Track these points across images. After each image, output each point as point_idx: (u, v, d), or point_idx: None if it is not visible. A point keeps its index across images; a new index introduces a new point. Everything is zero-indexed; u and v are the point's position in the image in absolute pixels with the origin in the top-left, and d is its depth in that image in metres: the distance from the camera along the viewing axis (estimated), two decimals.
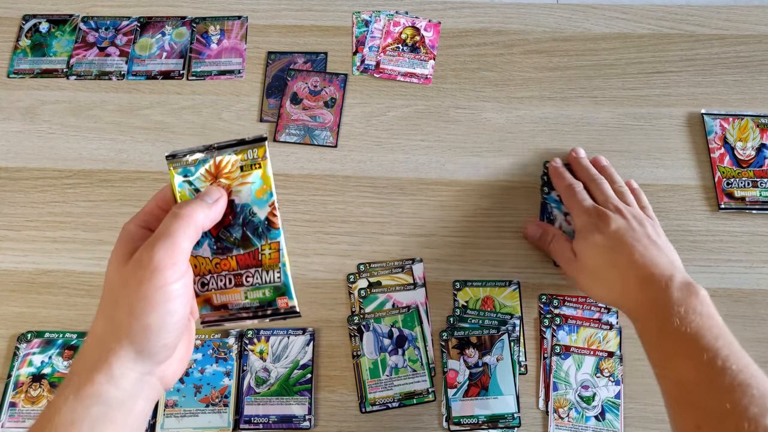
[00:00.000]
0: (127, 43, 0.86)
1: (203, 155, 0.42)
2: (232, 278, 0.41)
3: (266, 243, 0.41)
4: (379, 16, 0.88)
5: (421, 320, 0.69)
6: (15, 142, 0.80)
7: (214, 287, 0.41)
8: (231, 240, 0.41)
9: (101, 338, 0.39)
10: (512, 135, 0.80)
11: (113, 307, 0.39)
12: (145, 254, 0.38)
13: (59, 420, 0.36)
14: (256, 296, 0.41)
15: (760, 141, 0.78)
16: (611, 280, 0.59)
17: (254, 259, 0.41)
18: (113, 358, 0.38)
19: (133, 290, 0.38)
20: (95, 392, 0.37)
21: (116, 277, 0.40)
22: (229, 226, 0.41)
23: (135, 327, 0.38)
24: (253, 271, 0.41)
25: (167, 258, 0.38)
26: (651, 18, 0.88)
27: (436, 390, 0.67)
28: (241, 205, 0.41)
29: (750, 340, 0.69)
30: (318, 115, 0.81)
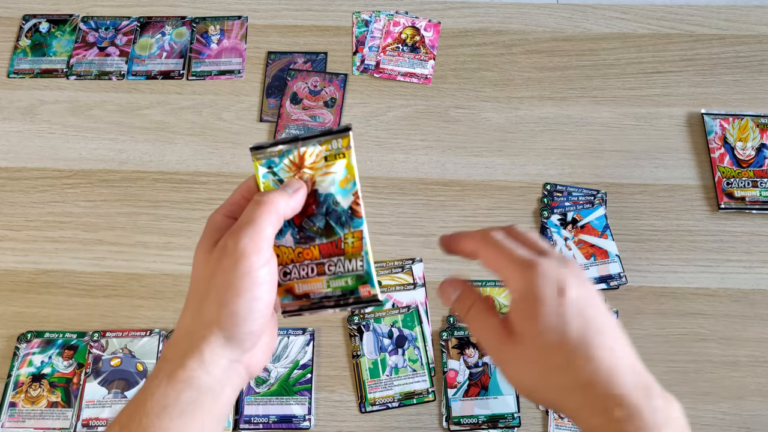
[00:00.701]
0: (127, 43, 0.86)
1: (287, 146, 0.42)
2: (314, 267, 0.41)
3: (349, 232, 0.41)
4: (379, 16, 0.88)
5: (421, 320, 0.69)
6: (15, 142, 0.80)
7: (296, 276, 0.42)
8: (314, 229, 0.41)
9: (191, 328, 0.40)
10: (512, 135, 0.80)
11: (202, 297, 0.40)
12: (230, 241, 0.39)
13: (152, 404, 0.37)
14: (339, 285, 0.41)
15: (760, 141, 0.78)
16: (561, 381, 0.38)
17: (337, 248, 0.41)
18: (204, 345, 0.38)
19: (220, 278, 0.38)
20: (187, 377, 0.38)
21: (202, 266, 0.40)
22: (312, 215, 0.42)
23: (224, 314, 0.38)
24: (335, 260, 0.41)
25: (252, 244, 0.38)
26: (651, 18, 0.88)
27: (436, 390, 0.67)
28: (325, 195, 0.42)
29: (750, 340, 0.69)
30: (318, 115, 0.81)
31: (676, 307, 0.71)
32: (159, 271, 0.73)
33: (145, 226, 0.75)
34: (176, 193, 0.77)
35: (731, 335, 0.69)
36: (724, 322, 0.70)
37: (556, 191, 0.76)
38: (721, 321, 0.70)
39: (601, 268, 0.72)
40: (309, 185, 0.42)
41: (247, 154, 0.79)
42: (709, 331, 0.69)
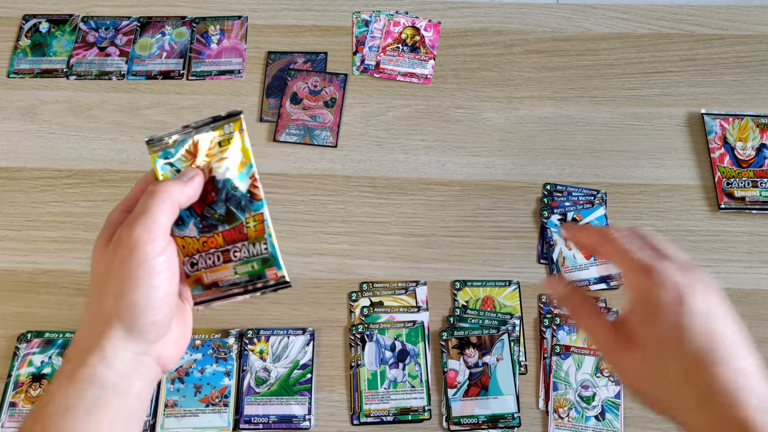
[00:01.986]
0: (127, 43, 0.86)
1: (181, 136, 0.42)
2: (220, 255, 0.41)
3: (250, 215, 0.41)
4: (379, 16, 0.88)
5: (426, 337, 0.69)
6: (15, 142, 0.80)
7: (203, 266, 0.41)
8: (216, 216, 0.41)
9: (91, 324, 0.39)
10: (512, 135, 0.80)
11: (99, 292, 0.39)
12: (124, 232, 0.39)
13: (54, 407, 0.36)
14: (245, 270, 0.41)
15: (760, 141, 0.78)
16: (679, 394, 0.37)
17: (240, 234, 0.41)
18: (104, 340, 0.38)
19: (116, 270, 0.38)
20: (89, 375, 0.37)
21: (99, 261, 0.40)
22: (212, 203, 0.41)
23: (121, 305, 0.38)
24: (240, 245, 0.41)
25: (146, 233, 0.38)
26: (651, 18, 0.88)
27: (432, 408, 0.67)
28: (223, 181, 0.41)
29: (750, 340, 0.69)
30: (318, 115, 0.81)
31: None
32: None
33: None
34: None
35: None
36: None
37: (556, 191, 0.76)
38: None
39: (601, 268, 0.72)
40: (206, 173, 0.41)
41: None
42: None
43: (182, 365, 0.68)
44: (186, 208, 0.41)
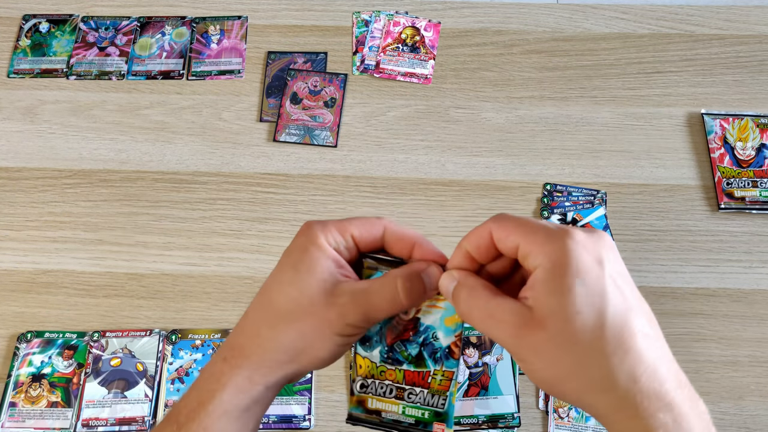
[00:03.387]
0: (127, 43, 0.86)
1: None
2: (394, 389, 0.41)
3: (440, 369, 0.41)
4: (379, 16, 0.88)
5: None
6: (15, 142, 0.80)
7: (372, 392, 0.42)
8: (404, 354, 0.41)
9: (265, 343, 0.38)
10: (512, 135, 0.80)
11: (290, 320, 0.38)
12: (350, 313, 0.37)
13: (213, 408, 0.37)
14: (414, 414, 0.41)
15: (760, 141, 0.78)
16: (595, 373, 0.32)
17: (423, 380, 0.41)
18: (275, 367, 0.38)
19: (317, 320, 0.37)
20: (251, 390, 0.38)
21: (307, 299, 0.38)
22: (407, 340, 0.41)
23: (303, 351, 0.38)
24: (418, 390, 0.41)
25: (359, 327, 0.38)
26: (651, 18, 0.88)
27: None
28: (426, 326, 0.41)
29: (750, 340, 0.69)
30: (318, 115, 0.81)
31: (676, 307, 0.71)
32: (159, 271, 0.73)
33: (145, 226, 0.75)
34: (176, 193, 0.77)
35: (731, 335, 0.69)
36: (724, 322, 0.70)
37: (556, 191, 0.76)
38: (721, 321, 0.70)
39: None
40: (413, 311, 0.41)
41: (247, 154, 0.79)
42: (709, 331, 0.69)
43: (182, 365, 0.68)
44: (377, 333, 0.41)
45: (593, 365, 0.31)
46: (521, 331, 0.32)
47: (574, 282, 0.31)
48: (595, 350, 0.31)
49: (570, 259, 0.31)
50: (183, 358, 0.68)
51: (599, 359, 0.31)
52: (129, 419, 0.65)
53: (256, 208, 0.76)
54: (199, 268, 0.73)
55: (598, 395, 0.32)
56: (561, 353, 0.31)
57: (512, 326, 0.33)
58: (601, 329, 0.31)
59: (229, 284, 0.72)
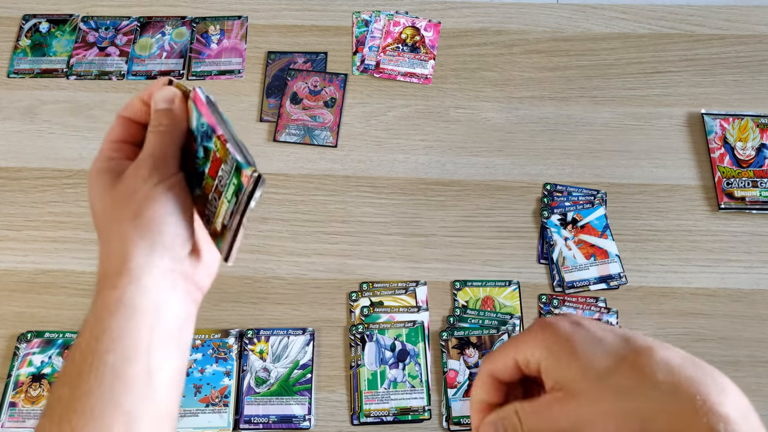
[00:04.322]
0: (127, 43, 0.86)
1: None
2: (216, 196, 0.41)
3: (215, 139, 0.41)
4: (379, 16, 0.88)
5: (426, 337, 0.69)
6: (15, 142, 0.80)
7: (212, 214, 0.42)
8: (200, 162, 0.42)
9: (110, 255, 0.39)
10: (512, 135, 0.80)
11: (113, 221, 0.40)
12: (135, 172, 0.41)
13: (88, 334, 0.36)
14: (231, 192, 0.40)
15: (760, 141, 0.78)
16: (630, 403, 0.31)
17: (216, 161, 0.41)
18: (129, 261, 0.38)
19: (132, 199, 0.39)
20: (119, 296, 0.37)
21: (105, 195, 0.42)
22: (195, 152, 0.43)
23: (141, 223, 0.38)
24: (221, 173, 0.41)
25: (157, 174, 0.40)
26: (651, 18, 0.88)
27: (432, 408, 0.67)
28: (195, 127, 0.43)
29: (750, 340, 0.69)
30: (318, 115, 0.81)
31: (676, 307, 0.71)
32: None
33: None
34: None
35: (731, 335, 0.69)
36: (724, 322, 0.70)
37: (556, 191, 0.76)
38: (721, 321, 0.70)
39: (601, 268, 0.72)
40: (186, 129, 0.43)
41: None
42: (709, 331, 0.69)
43: None
44: (185, 173, 0.43)
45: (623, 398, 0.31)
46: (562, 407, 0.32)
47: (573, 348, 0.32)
48: (620, 383, 0.31)
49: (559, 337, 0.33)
50: None
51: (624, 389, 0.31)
52: None
53: (257, 208, 0.76)
54: None
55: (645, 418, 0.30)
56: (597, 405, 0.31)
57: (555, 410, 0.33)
58: (614, 362, 0.32)
59: (229, 284, 0.72)
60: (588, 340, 0.33)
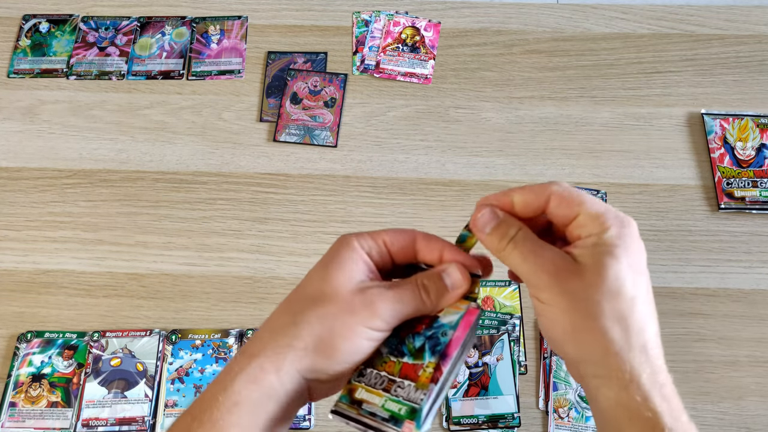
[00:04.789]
0: (127, 43, 0.86)
1: None
2: (385, 381, 0.40)
3: (434, 361, 0.39)
4: (379, 16, 0.88)
5: None
6: (15, 142, 0.80)
7: (365, 382, 0.41)
8: (410, 347, 0.41)
9: (282, 332, 0.39)
10: (512, 135, 0.80)
11: (303, 310, 0.39)
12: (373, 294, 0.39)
13: (224, 399, 0.37)
14: (391, 408, 0.39)
15: (760, 141, 0.78)
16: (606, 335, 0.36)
17: (414, 373, 0.40)
18: (289, 355, 0.38)
19: (336, 309, 0.38)
20: (262, 380, 0.37)
21: (324, 282, 0.39)
22: (417, 333, 0.41)
23: (324, 341, 0.38)
24: (406, 383, 0.40)
25: (389, 313, 0.39)
26: (651, 18, 0.88)
27: None
28: (441, 324, 0.41)
29: (750, 340, 0.69)
30: (318, 115, 0.81)
31: (676, 307, 0.71)
32: (159, 271, 0.73)
33: (145, 226, 0.75)
34: (176, 193, 0.77)
35: (731, 335, 0.69)
36: (724, 322, 0.70)
37: None
38: (721, 321, 0.70)
39: None
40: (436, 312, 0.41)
41: (247, 154, 0.79)
42: (709, 331, 0.69)
43: (182, 365, 0.68)
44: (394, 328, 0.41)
45: (612, 324, 0.35)
46: (561, 274, 0.36)
47: (625, 252, 0.36)
48: (622, 314, 0.35)
49: (629, 238, 0.37)
50: (183, 358, 0.68)
51: (619, 320, 0.35)
52: (129, 419, 0.65)
53: (256, 208, 0.76)
54: (199, 268, 0.73)
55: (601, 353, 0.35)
56: (588, 304, 0.35)
57: (555, 268, 0.37)
58: (632, 300, 0.36)
59: (229, 284, 0.72)
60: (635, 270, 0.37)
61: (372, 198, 0.77)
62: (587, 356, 0.36)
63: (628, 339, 0.35)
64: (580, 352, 0.37)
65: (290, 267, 0.73)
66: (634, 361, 0.35)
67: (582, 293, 0.36)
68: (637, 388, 0.35)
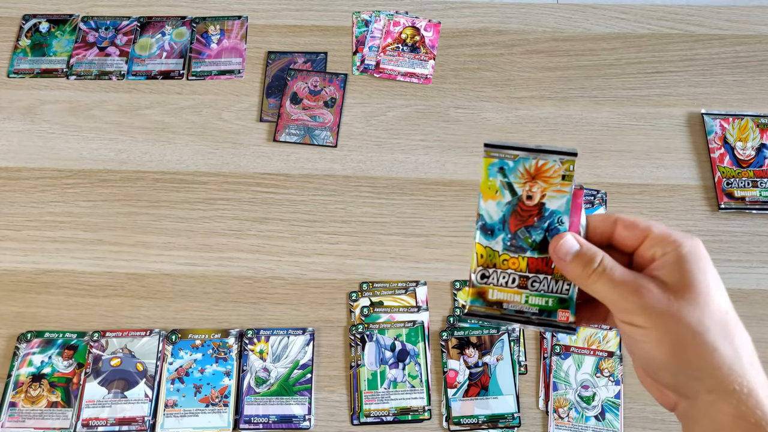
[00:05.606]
0: (127, 43, 0.86)
1: (526, 154, 0.41)
2: (516, 278, 0.40)
3: None
4: (379, 16, 0.88)
5: (426, 337, 0.69)
6: (15, 142, 0.80)
7: (494, 282, 0.40)
8: (528, 241, 0.40)
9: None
10: (512, 135, 0.80)
11: None
12: None
13: None
14: (538, 303, 0.39)
15: (760, 141, 0.78)
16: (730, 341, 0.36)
17: (546, 266, 0.40)
18: None
19: None
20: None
21: None
22: (531, 226, 0.40)
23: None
24: (542, 277, 0.40)
25: None
26: (651, 18, 0.88)
27: (432, 408, 0.67)
28: (551, 211, 0.40)
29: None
30: (318, 115, 0.81)
31: None
32: (159, 271, 0.73)
33: (145, 226, 0.75)
34: (176, 193, 0.77)
35: None
36: None
37: None
38: None
39: None
40: (538, 196, 0.40)
41: (247, 154, 0.79)
42: None
43: (182, 365, 0.68)
44: (499, 221, 0.41)
45: (719, 337, 0.35)
46: (655, 296, 0.36)
47: (709, 265, 0.37)
48: (724, 327, 0.35)
49: (705, 252, 0.37)
50: (183, 358, 0.68)
51: (724, 333, 0.35)
52: (129, 419, 0.65)
53: (256, 208, 0.76)
54: (199, 268, 0.73)
55: (713, 368, 0.35)
56: (691, 320, 0.35)
57: (647, 290, 0.36)
58: (727, 312, 0.36)
59: (229, 284, 0.72)
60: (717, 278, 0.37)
61: (372, 198, 0.77)
62: (697, 374, 0.36)
63: (736, 351, 0.35)
64: (689, 371, 0.36)
65: (290, 267, 0.73)
66: (748, 374, 0.35)
67: (682, 311, 0.35)
68: (756, 403, 0.35)
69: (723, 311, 0.36)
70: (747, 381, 0.35)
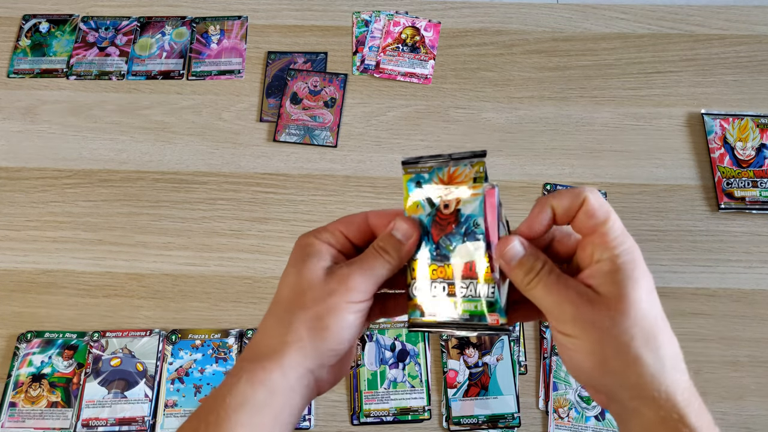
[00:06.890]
0: (127, 43, 0.86)
1: (438, 163, 0.42)
2: (445, 287, 0.41)
3: (483, 254, 0.40)
4: (379, 16, 0.88)
5: (426, 337, 0.69)
6: (15, 142, 0.80)
7: (427, 293, 0.42)
8: (450, 248, 0.41)
9: (277, 331, 0.41)
10: (512, 135, 0.80)
11: (294, 305, 0.41)
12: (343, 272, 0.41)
13: (231, 400, 0.39)
14: (468, 308, 0.40)
15: (760, 141, 0.78)
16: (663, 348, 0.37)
17: (471, 271, 0.40)
18: (288, 351, 0.40)
19: (320, 295, 0.40)
20: (265, 378, 0.39)
21: (304, 277, 0.41)
22: (450, 234, 0.41)
23: (316, 326, 0.40)
24: (467, 282, 0.40)
25: (363, 285, 0.40)
26: (651, 18, 0.88)
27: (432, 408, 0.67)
28: (467, 216, 0.41)
29: (750, 340, 0.69)
30: (318, 115, 0.81)
31: (676, 307, 0.71)
32: (159, 271, 0.73)
33: (145, 226, 0.75)
34: (176, 193, 0.77)
35: (731, 335, 0.69)
36: (724, 322, 0.70)
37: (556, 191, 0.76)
38: (721, 321, 0.70)
39: None
40: (453, 204, 0.41)
41: (247, 154, 0.79)
42: (709, 331, 0.69)
43: (182, 365, 0.68)
44: (424, 234, 0.42)
45: (644, 347, 0.36)
46: (585, 306, 0.37)
47: (642, 275, 0.37)
48: (650, 337, 0.36)
49: (640, 260, 0.38)
50: (183, 358, 0.68)
51: (649, 343, 0.36)
52: (129, 419, 0.65)
53: (256, 208, 0.76)
54: (199, 268, 0.73)
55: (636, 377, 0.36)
56: (618, 331, 0.36)
57: (580, 299, 0.37)
58: (655, 320, 0.36)
59: (229, 284, 0.72)
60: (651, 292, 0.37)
61: (372, 198, 0.77)
62: (622, 382, 0.37)
63: (661, 359, 0.36)
64: (614, 380, 0.37)
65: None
66: (668, 380, 0.36)
67: (609, 322, 0.36)
68: (673, 406, 0.36)
69: (651, 318, 0.36)
70: (666, 386, 0.36)
